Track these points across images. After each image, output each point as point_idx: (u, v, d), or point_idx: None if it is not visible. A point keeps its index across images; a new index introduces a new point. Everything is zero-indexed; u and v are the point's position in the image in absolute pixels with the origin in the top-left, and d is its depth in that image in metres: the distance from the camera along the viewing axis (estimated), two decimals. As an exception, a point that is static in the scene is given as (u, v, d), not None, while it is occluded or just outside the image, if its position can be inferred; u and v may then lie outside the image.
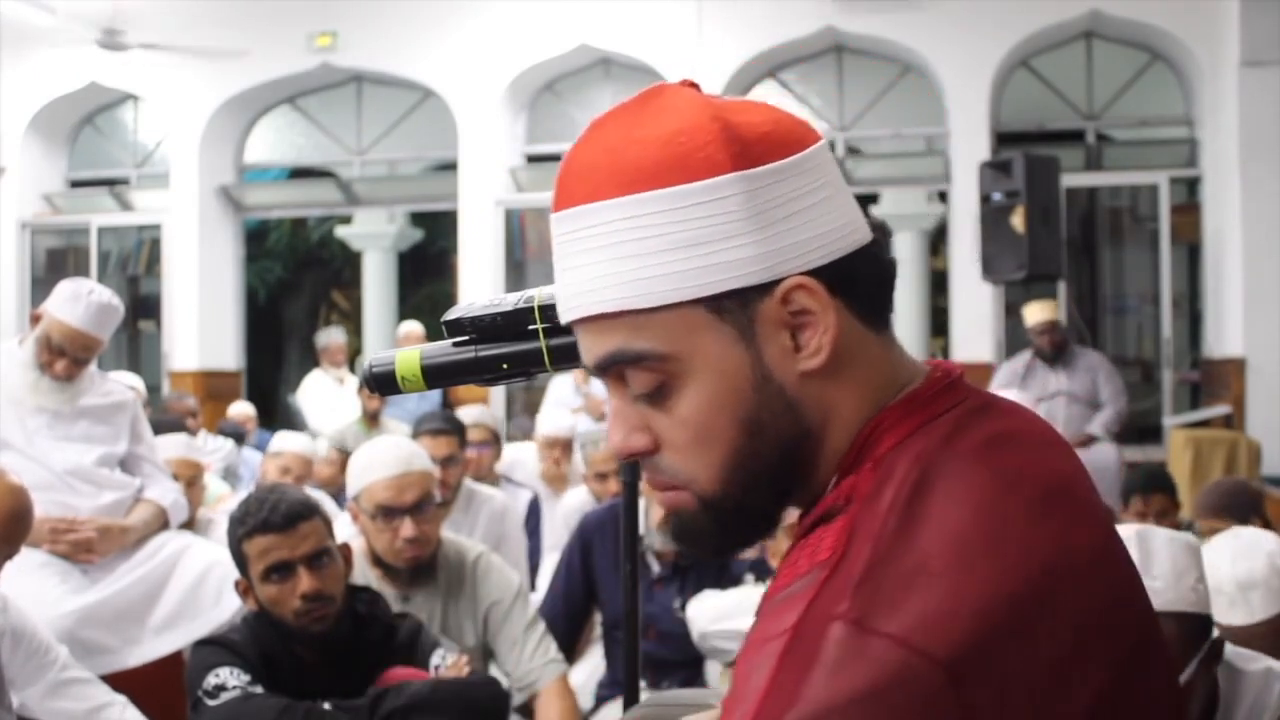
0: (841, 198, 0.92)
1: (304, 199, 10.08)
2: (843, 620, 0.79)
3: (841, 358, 0.90)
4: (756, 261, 0.87)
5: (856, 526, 0.84)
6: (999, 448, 0.89)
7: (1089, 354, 6.59)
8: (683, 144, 0.88)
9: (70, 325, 3.12)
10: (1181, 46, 7.59)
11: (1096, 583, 0.86)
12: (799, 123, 0.92)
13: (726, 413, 0.89)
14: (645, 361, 0.89)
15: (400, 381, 1.33)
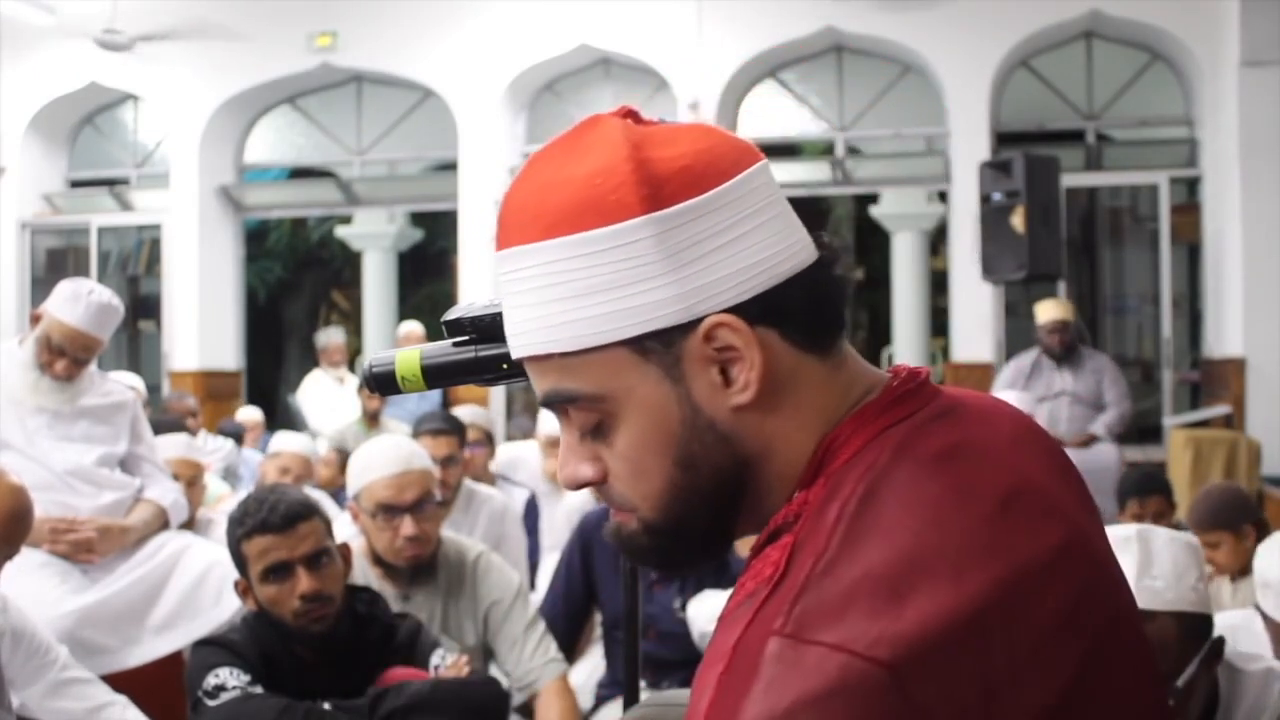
0: (773, 225, 0.90)
1: (304, 199, 10.08)
2: (778, 635, 0.79)
3: (776, 388, 0.90)
4: (674, 302, 0.87)
5: (801, 543, 0.84)
6: (952, 458, 0.89)
7: (1096, 355, 6.59)
8: (597, 186, 0.88)
9: (70, 325, 3.12)
10: (1181, 46, 7.59)
11: (1055, 585, 0.85)
12: (730, 149, 0.91)
13: (658, 449, 0.91)
14: (579, 401, 0.91)
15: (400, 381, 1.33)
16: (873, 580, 0.80)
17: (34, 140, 9.43)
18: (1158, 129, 8.20)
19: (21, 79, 9.13)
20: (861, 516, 0.84)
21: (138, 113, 9.69)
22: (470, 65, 8.47)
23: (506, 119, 8.70)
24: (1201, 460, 6.08)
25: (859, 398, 0.93)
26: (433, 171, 9.76)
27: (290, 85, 9.17)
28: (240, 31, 8.78)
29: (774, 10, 7.96)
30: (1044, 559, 0.86)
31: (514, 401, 8.65)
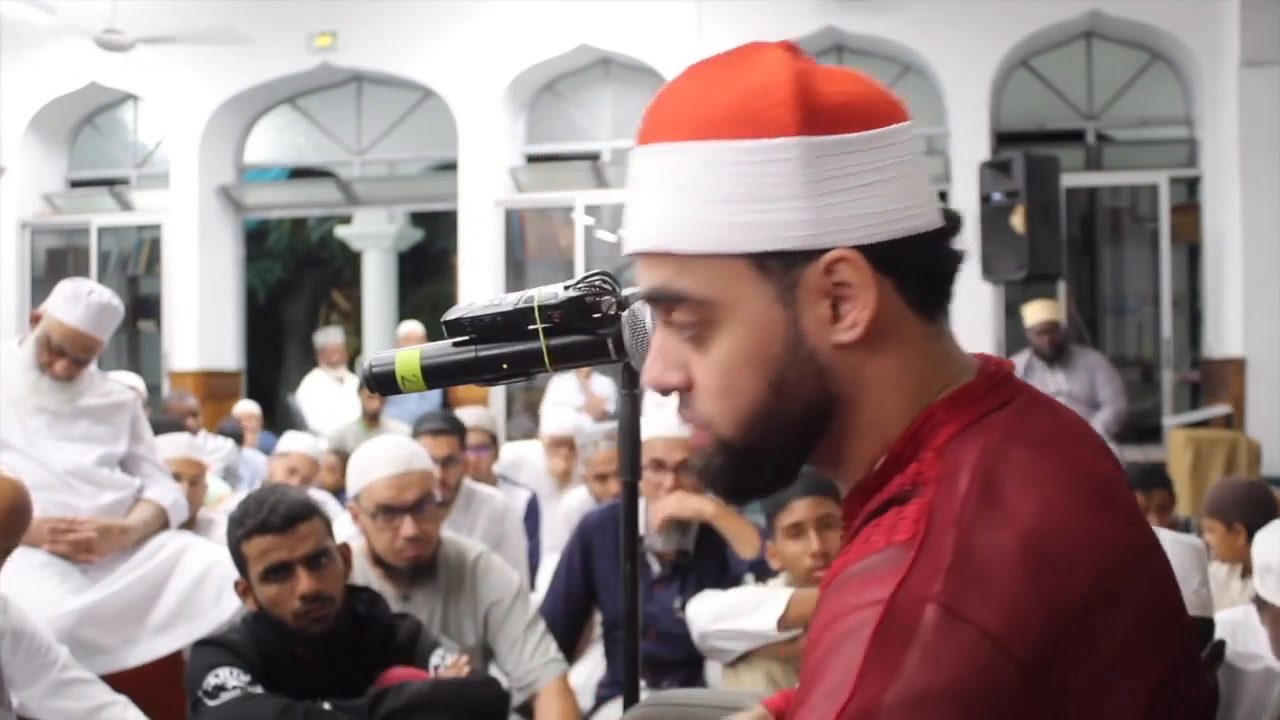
0: (911, 180, 0.92)
1: (304, 199, 10.08)
2: (936, 603, 0.81)
3: (881, 336, 0.91)
4: (805, 227, 0.89)
5: (935, 509, 0.86)
6: (1058, 443, 0.92)
7: (1088, 354, 6.59)
8: (756, 100, 0.89)
9: (70, 325, 3.11)
10: (1181, 46, 7.59)
11: (1150, 580, 0.89)
12: (884, 100, 0.93)
13: (754, 367, 0.92)
14: (686, 303, 0.92)
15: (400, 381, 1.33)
16: (1011, 562, 0.82)
17: (34, 140, 9.43)
18: (1157, 129, 8.20)
19: (21, 79, 9.13)
20: (989, 492, 0.86)
21: (138, 113, 9.69)
22: (470, 65, 8.47)
23: (506, 119, 8.70)
24: (1201, 460, 6.08)
25: (954, 376, 0.95)
26: (433, 171, 9.76)
27: (290, 85, 9.18)
28: (240, 31, 8.78)
29: (774, 10, 7.96)
30: (1140, 554, 0.89)
31: (514, 401, 8.65)
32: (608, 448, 4.08)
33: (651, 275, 0.94)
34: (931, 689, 0.79)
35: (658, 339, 0.97)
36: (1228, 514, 3.38)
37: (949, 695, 0.79)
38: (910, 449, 0.92)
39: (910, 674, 0.79)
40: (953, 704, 0.79)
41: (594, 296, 1.30)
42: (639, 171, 0.95)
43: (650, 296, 0.94)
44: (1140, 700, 0.84)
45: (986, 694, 0.79)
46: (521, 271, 8.98)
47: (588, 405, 7.28)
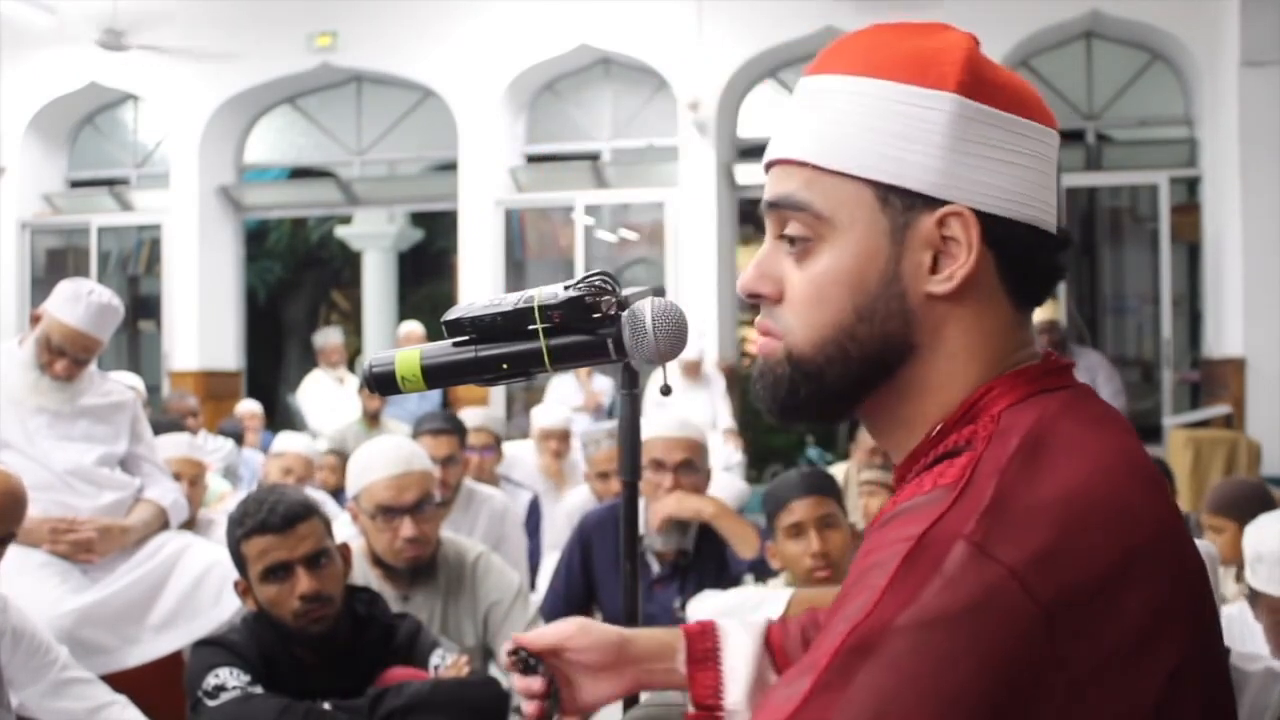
0: (1041, 180, 0.97)
1: (304, 199, 10.08)
2: (966, 540, 0.83)
3: (969, 300, 0.95)
4: (934, 174, 0.93)
5: (982, 461, 0.89)
6: (1109, 425, 0.95)
7: (1088, 354, 6.59)
8: (930, 54, 0.95)
9: (70, 326, 3.11)
10: (1181, 46, 7.59)
11: (1181, 566, 0.90)
12: (1043, 105, 0.98)
13: (847, 288, 0.96)
14: (804, 213, 0.97)
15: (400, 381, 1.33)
16: (1049, 515, 0.85)
17: (34, 140, 9.43)
18: (1158, 129, 8.20)
19: (21, 79, 9.13)
20: (1037, 453, 0.88)
21: (138, 113, 9.69)
22: (470, 65, 8.47)
23: (506, 119, 8.70)
24: (1201, 460, 6.08)
25: (1022, 358, 0.98)
26: (433, 171, 9.76)
27: (290, 85, 9.18)
28: (240, 32, 8.78)
29: (774, 10, 7.96)
30: (1176, 534, 0.91)
31: (514, 401, 8.65)
32: (609, 446, 4.08)
33: (781, 184, 0.99)
34: (946, 614, 0.81)
35: (761, 251, 1.01)
36: (1240, 513, 3.36)
37: (962, 623, 0.81)
38: (968, 416, 0.95)
39: (926, 599, 0.81)
40: (965, 632, 0.80)
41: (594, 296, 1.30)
42: (799, 97, 1.00)
43: (774, 202, 0.99)
44: (1156, 682, 0.85)
45: (1004, 629, 0.81)
46: (521, 271, 8.98)
47: (587, 403, 7.28)
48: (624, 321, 1.31)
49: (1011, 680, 0.81)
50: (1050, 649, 0.81)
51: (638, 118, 8.79)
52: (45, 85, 9.19)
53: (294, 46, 8.78)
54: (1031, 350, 1.00)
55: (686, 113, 8.08)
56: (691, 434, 3.16)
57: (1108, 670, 0.83)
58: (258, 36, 8.78)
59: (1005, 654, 0.81)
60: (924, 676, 0.80)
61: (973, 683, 0.80)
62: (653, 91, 8.60)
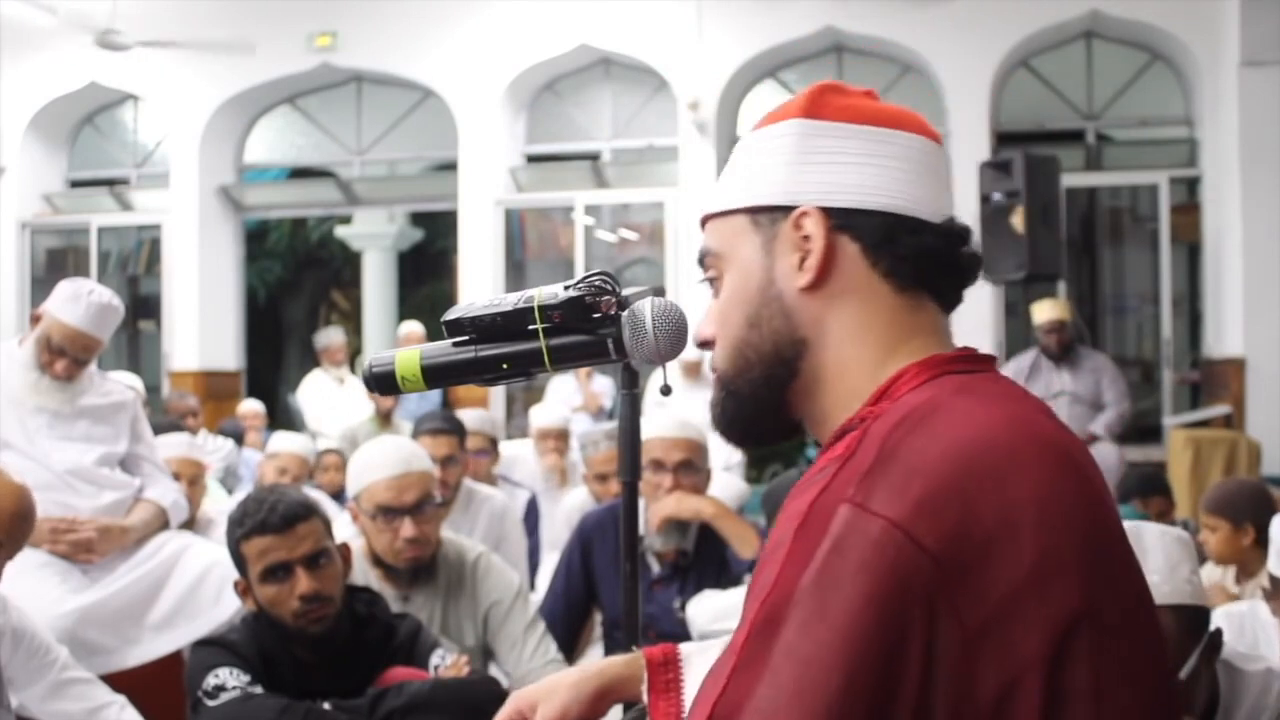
0: (902, 177, 1.06)
1: (304, 199, 10.08)
2: (849, 502, 0.90)
3: (841, 290, 1.05)
4: (784, 185, 1.06)
5: (870, 435, 0.95)
6: (1007, 399, 1.00)
7: (1095, 355, 6.59)
8: (789, 101, 1.10)
9: (70, 325, 3.11)
10: (1181, 46, 7.58)
11: (1074, 515, 0.93)
12: (905, 117, 1.10)
13: (739, 305, 1.09)
14: (709, 256, 1.12)
15: (400, 381, 1.33)
16: (930, 472, 0.90)
17: (34, 140, 9.43)
18: (1158, 129, 8.20)
19: (21, 79, 9.13)
20: (925, 422, 0.94)
21: (138, 113, 9.69)
22: (470, 65, 8.47)
23: (506, 119, 8.70)
24: (1201, 460, 6.08)
25: (930, 347, 1.05)
26: (433, 171, 9.76)
27: (290, 85, 9.17)
28: (240, 31, 8.78)
29: (774, 10, 7.96)
30: (1069, 493, 0.94)
31: (514, 401, 8.65)
32: (608, 447, 4.07)
33: (702, 241, 1.14)
34: (841, 574, 0.87)
35: (704, 301, 1.14)
36: (1236, 513, 3.36)
37: (858, 579, 0.86)
38: (880, 401, 1.01)
39: (821, 561, 0.88)
40: (864, 587, 0.86)
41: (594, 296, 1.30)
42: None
43: (697, 259, 1.14)
44: (1048, 634, 0.87)
45: (895, 577, 0.86)
46: (521, 271, 8.98)
47: (587, 403, 7.28)
48: (624, 321, 1.31)
49: (912, 626, 0.85)
50: (944, 594, 0.86)
51: (638, 118, 8.79)
52: (45, 85, 9.19)
53: (294, 46, 8.78)
54: (935, 341, 1.06)
55: (686, 113, 8.08)
56: (691, 434, 3.16)
57: (998, 622, 0.86)
58: (258, 36, 8.78)
59: (903, 601, 0.86)
60: (834, 636, 0.85)
61: (877, 634, 0.85)
62: (653, 91, 8.60)
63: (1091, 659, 0.89)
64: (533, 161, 9.00)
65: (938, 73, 7.88)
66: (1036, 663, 0.87)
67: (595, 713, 1.30)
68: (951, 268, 1.07)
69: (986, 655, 0.86)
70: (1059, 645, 0.88)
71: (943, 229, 1.06)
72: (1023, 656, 0.87)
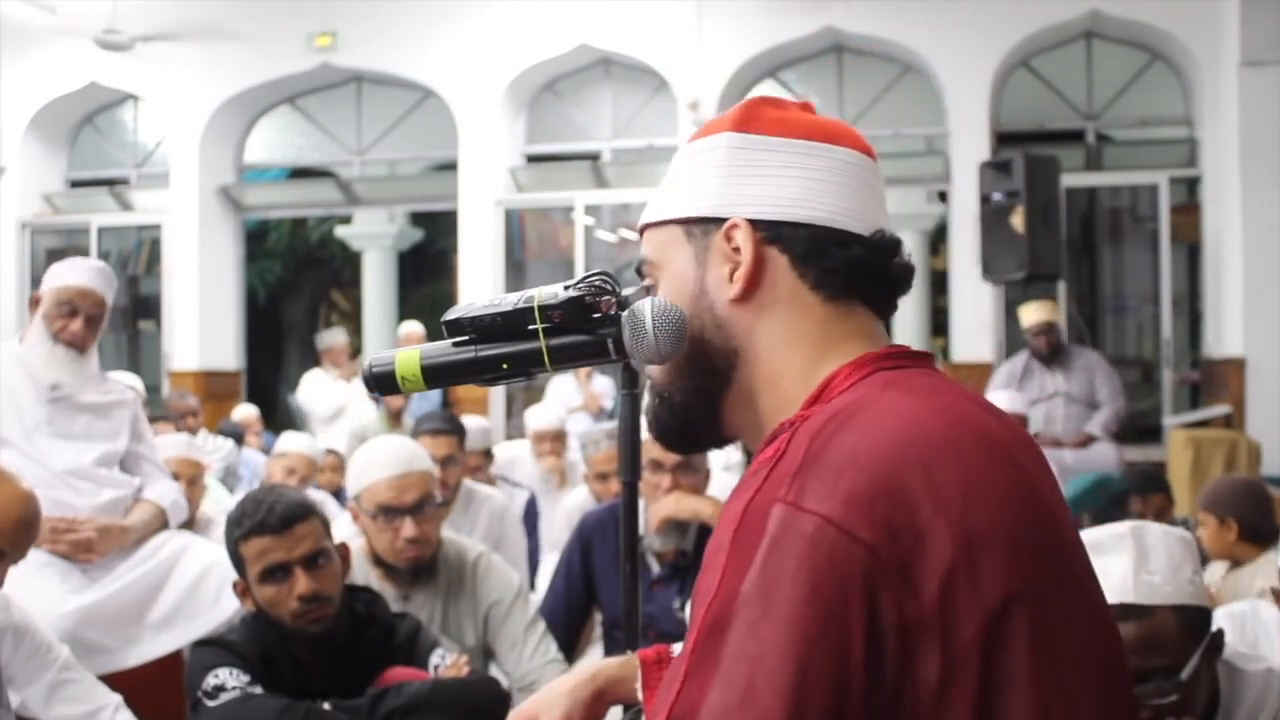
0: (831, 190, 1.07)
1: (304, 199, 10.08)
2: (782, 502, 0.91)
3: (770, 300, 1.07)
4: (715, 198, 1.08)
5: (798, 433, 0.97)
6: (934, 393, 1.01)
7: (1086, 354, 6.58)
8: (724, 114, 1.12)
9: (73, 285, 3.16)
10: (1181, 46, 7.58)
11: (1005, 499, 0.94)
12: (835, 130, 1.10)
13: None
14: (644, 265, 1.15)
15: (400, 381, 1.33)
16: (859, 466, 0.91)
17: (34, 140, 9.43)
18: (1158, 129, 8.20)
19: (21, 79, 9.13)
20: (852, 420, 0.95)
21: (138, 113, 9.69)
22: (470, 65, 8.47)
23: (506, 119, 8.70)
24: (1201, 460, 6.08)
25: (855, 350, 1.06)
26: (433, 171, 9.76)
27: (290, 85, 9.17)
28: (240, 31, 8.78)
29: (774, 10, 7.96)
30: (1000, 479, 0.95)
31: (514, 401, 8.65)
32: (609, 447, 4.07)
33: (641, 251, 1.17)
34: (783, 573, 0.88)
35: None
36: (1221, 507, 3.38)
37: (798, 577, 0.87)
38: (814, 404, 1.03)
39: (760, 564, 0.89)
40: (804, 584, 0.87)
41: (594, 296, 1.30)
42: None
43: (635, 267, 1.17)
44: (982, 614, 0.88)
45: (833, 571, 0.87)
46: (521, 271, 8.98)
47: (587, 403, 7.28)
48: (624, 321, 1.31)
49: (854, 617, 0.87)
50: (883, 585, 0.87)
51: (638, 118, 8.79)
52: (45, 85, 9.19)
53: (294, 46, 8.77)
54: (868, 344, 1.07)
55: (686, 113, 8.08)
56: (691, 434, 3.15)
57: (936, 608, 0.88)
58: (258, 36, 8.78)
59: (843, 593, 0.87)
60: (779, 635, 0.86)
61: (821, 628, 0.86)
62: (653, 91, 8.60)
63: (1029, 642, 0.90)
64: (533, 161, 9.00)
65: (938, 73, 7.88)
66: (973, 647, 0.88)
67: (594, 715, 1.31)
68: (881, 279, 1.09)
69: (927, 642, 0.87)
70: (992, 629, 0.89)
71: (872, 241, 1.07)
72: (961, 641, 0.88)
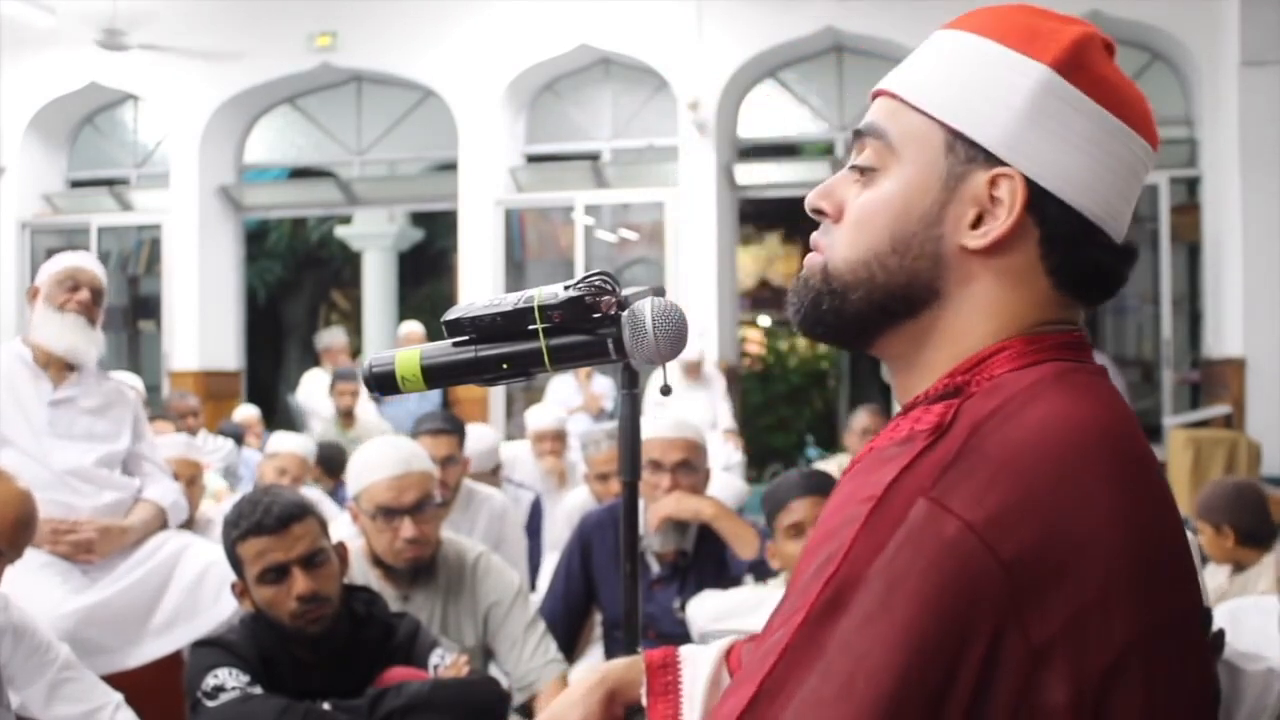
0: (1115, 184, 0.98)
1: (304, 199, 10.08)
2: (926, 497, 0.86)
3: (1002, 264, 0.97)
4: (1004, 135, 0.96)
5: (962, 412, 0.91)
6: (1102, 400, 0.96)
7: (1097, 356, 6.59)
8: (1043, 30, 0.98)
9: (71, 264, 3.23)
10: (1181, 46, 7.58)
11: (1144, 535, 0.90)
12: (1148, 119, 1.01)
13: (891, 216, 0.99)
14: (878, 140, 1.01)
15: (400, 381, 1.33)
16: (1012, 473, 0.86)
17: (34, 140, 9.43)
18: (1158, 129, 8.18)
19: (21, 79, 9.13)
20: (1019, 414, 0.90)
21: (138, 113, 9.69)
22: (470, 65, 8.47)
23: (506, 119, 8.70)
24: (1201, 460, 6.08)
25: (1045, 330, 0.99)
26: (433, 171, 9.76)
27: (290, 85, 9.17)
28: (240, 31, 8.78)
29: (774, 10, 7.96)
30: (1152, 511, 0.92)
31: (514, 401, 8.65)
32: (609, 447, 4.07)
33: (871, 113, 1.04)
34: (913, 571, 0.83)
35: (834, 176, 1.05)
36: (1216, 515, 3.38)
37: (927, 578, 0.83)
38: (974, 370, 0.97)
39: (893, 556, 0.84)
40: (931, 587, 0.83)
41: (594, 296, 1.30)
42: (923, 47, 1.04)
43: (859, 129, 1.04)
44: (1107, 656, 0.85)
45: (965, 583, 0.83)
46: (521, 271, 8.98)
47: (587, 403, 7.28)
48: (624, 321, 1.31)
49: (975, 635, 0.83)
50: (1012, 608, 0.83)
51: (638, 118, 8.79)
52: (45, 85, 9.19)
53: (294, 46, 8.78)
54: (1058, 323, 1.00)
55: (686, 113, 8.08)
56: (688, 434, 3.16)
57: (1062, 640, 0.84)
58: (258, 36, 8.78)
59: (969, 607, 0.83)
60: (893, 636, 0.83)
61: (937, 638, 0.82)
62: (653, 91, 8.60)
63: (1145, 679, 0.88)
64: (533, 161, 9.00)
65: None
66: (1097, 680, 0.85)
67: (611, 717, 1.29)
68: (1111, 289, 1.02)
69: (1056, 667, 0.84)
70: (1117, 667, 0.86)
71: (1121, 250, 1.00)
72: (1087, 673, 0.85)
